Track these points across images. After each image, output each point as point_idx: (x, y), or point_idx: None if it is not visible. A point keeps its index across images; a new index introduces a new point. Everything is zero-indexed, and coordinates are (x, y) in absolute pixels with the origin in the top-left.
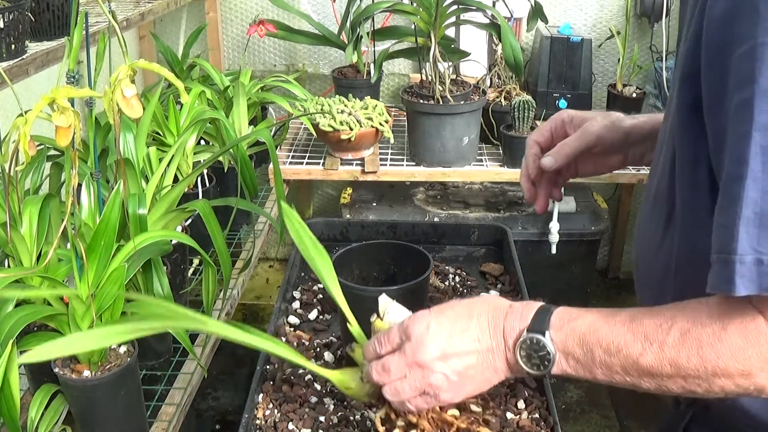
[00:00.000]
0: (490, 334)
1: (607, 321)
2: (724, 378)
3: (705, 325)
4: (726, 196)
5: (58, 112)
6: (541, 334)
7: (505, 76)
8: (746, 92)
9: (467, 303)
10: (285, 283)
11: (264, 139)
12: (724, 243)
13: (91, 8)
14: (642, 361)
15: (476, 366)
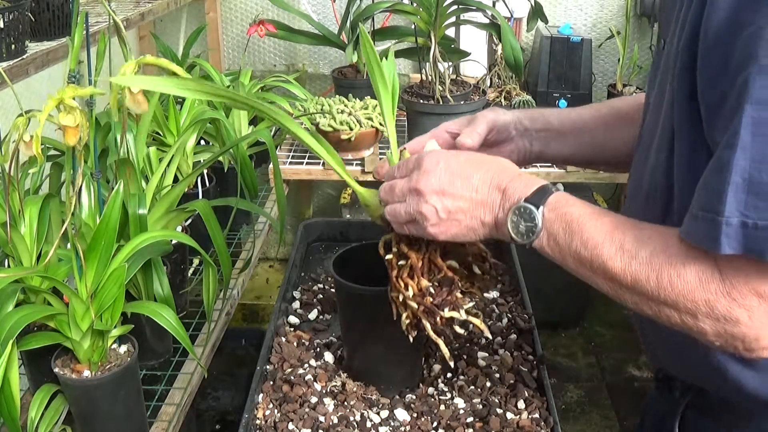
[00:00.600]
0: (489, 190)
1: (596, 219)
2: (672, 309)
3: (671, 257)
4: (718, 162)
5: (65, 111)
6: (536, 207)
7: (505, 76)
8: (746, 71)
9: (482, 156)
10: (285, 283)
11: (264, 139)
12: (713, 204)
13: (91, 8)
14: (609, 264)
15: (465, 212)
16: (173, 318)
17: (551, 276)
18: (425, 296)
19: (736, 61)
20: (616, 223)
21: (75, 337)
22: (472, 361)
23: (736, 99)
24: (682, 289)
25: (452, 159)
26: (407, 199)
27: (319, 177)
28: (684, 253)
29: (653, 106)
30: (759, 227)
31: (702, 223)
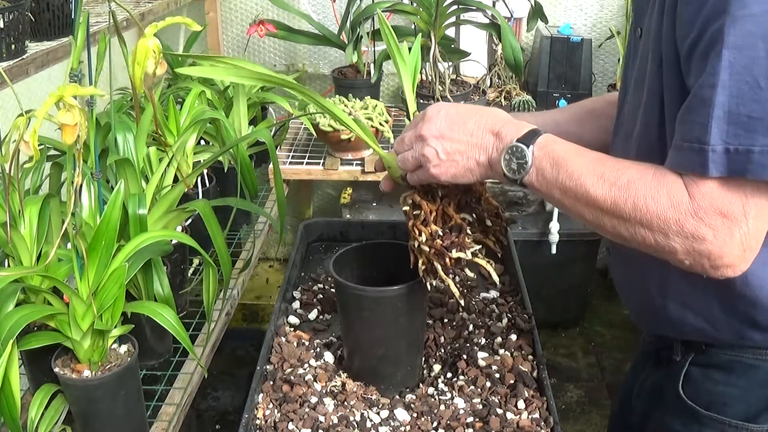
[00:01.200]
0: (483, 134)
1: (579, 154)
2: (646, 229)
3: (647, 181)
4: (699, 99)
5: (64, 109)
6: (526, 145)
7: (505, 76)
8: (720, 20)
9: (479, 107)
10: (285, 283)
11: (264, 139)
12: (698, 135)
13: (91, 8)
14: (592, 191)
15: (462, 153)
16: (173, 318)
17: (551, 276)
18: (435, 239)
19: (708, 12)
20: (597, 157)
21: (75, 337)
22: (472, 361)
23: (711, 44)
24: (655, 209)
25: (452, 108)
26: (414, 145)
27: (319, 177)
28: (658, 179)
29: (633, 90)
30: (740, 152)
31: (689, 153)
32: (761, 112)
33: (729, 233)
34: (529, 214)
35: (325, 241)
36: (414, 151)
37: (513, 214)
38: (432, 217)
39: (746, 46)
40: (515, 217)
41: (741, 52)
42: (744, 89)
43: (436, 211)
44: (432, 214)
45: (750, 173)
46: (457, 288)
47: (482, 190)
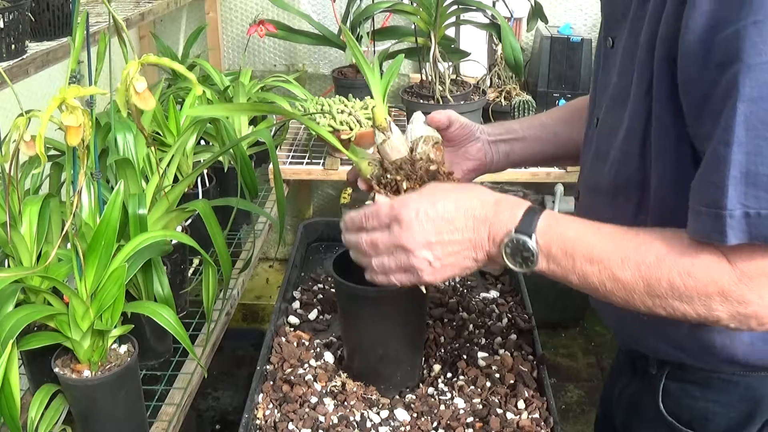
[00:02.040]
0: (474, 229)
1: (592, 234)
2: (687, 305)
3: (678, 256)
4: (714, 158)
5: (68, 111)
6: (527, 236)
7: (505, 76)
8: (733, 68)
9: (457, 194)
10: (285, 283)
11: (264, 139)
12: (715, 199)
13: (91, 8)
14: (619, 274)
15: (457, 254)
16: (173, 318)
17: None
18: None
19: (718, 58)
20: (612, 232)
21: (75, 337)
22: (472, 361)
23: (725, 96)
24: (695, 285)
25: (429, 206)
26: (394, 254)
27: (319, 177)
28: (689, 250)
29: (609, 109)
30: (761, 215)
31: (707, 219)
32: None
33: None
34: None
35: (325, 241)
36: (397, 260)
37: None
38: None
39: (763, 98)
40: None
41: (758, 105)
42: (763, 146)
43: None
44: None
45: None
46: None
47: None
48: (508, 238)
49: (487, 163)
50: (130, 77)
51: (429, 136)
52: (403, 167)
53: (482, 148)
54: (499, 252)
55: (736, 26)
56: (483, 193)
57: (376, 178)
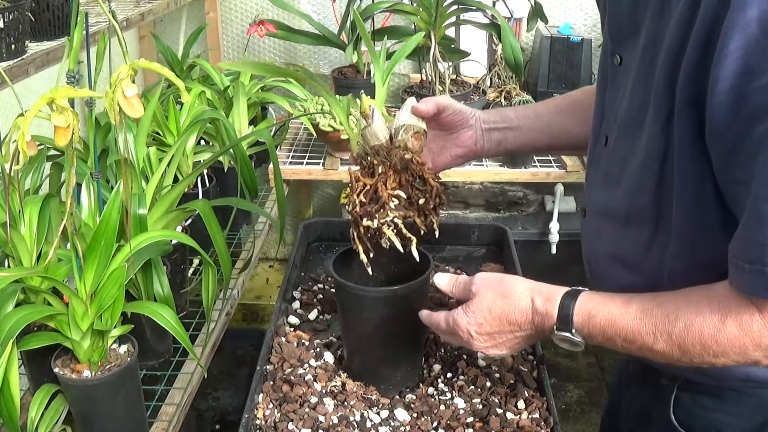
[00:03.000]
0: (528, 330)
1: (622, 314)
2: (722, 357)
3: (706, 317)
4: (756, 216)
5: (57, 112)
6: (568, 332)
7: (505, 76)
8: (766, 123)
9: (497, 315)
10: (285, 283)
11: (264, 139)
12: (759, 256)
13: (91, 8)
14: (655, 347)
15: (517, 343)
16: (173, 318)
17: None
18: (354, 208)
19: (752, 108)
20: (640, 308)
21: (75, 337)
22: (472, 361)
23: (761, 149)
24: (727, 342)
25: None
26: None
27: (319, 177)
28: (717, 310)
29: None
30: None
31: (750, 275)
32: None
33: None
34: (529, 214)
35: (325, 241)
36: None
37: (513, 213)
38: (361, 190)
39: None
40: (515, 217)
41: None
42: None
43: (371, 185)
44: (365, 188)
45: None
46: (365, 256)
47: (424, 171)
48: (555, 336)
49: (477, 150)
50: (119, 81)
51: (411, 125)
52: (379, 153)
53: (473, 135)
54: (553, 338)
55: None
56: (519, 304)
57: (358, 157)
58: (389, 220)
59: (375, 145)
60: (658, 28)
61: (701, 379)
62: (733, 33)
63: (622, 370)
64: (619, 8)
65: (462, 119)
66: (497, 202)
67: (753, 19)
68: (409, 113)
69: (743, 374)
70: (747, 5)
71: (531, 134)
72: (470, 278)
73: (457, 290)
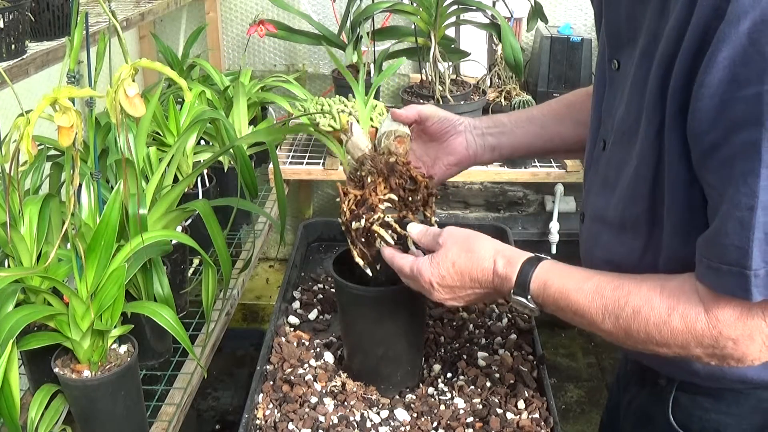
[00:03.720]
0: (487, 288)
1: (576, 290)
2: (665, 348)
3: (654, 308)
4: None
5: (60, 112)
6: (524, 297)
7: (505, 76)
8: (753, 132)
9: (460, 270)
10: (285, 283)
11: (264, 139)
12: (738, 259)
13: (92, 8)
14: (602, 326)
15: (476, 297)
16: (173, 318)
17: None
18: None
19: (733, 116)
20: (594, 287)
21: (75, 337)
22: (472, 361)
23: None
24: (670, 335)
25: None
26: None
27: (319, 177)
28: (668, 303)
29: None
30: None
31: (729, 276)
32: None
33: (750, 339)
34: (529, 214)
35: (325, 241)
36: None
37: (513, 213)
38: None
39: None
40: (515, 217)
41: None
42: None
43: (360, 195)
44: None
45: None
46: (360, 259)
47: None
48: (511, 299)
49: (470, 156)
50: (121, 81)
51: (392, 130)
52: (365, 163)
53: (464, 141)
54: (511, 301)
55: (759, 89)
56: (481, 264)
57: (348, 175)
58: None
59: (359, 157)
60: (654, 36)
61: (696, 380)
62: (723, 44)
63: (621, 370)
64: (616, 15)
65: (449, 126)
66: (497, 202)
67: (744, 31)
68: (390, 120)
69: (738, 375)
70: (741, 19)
71: (525, 138)
72: (440, 230)
73: (426, 240)
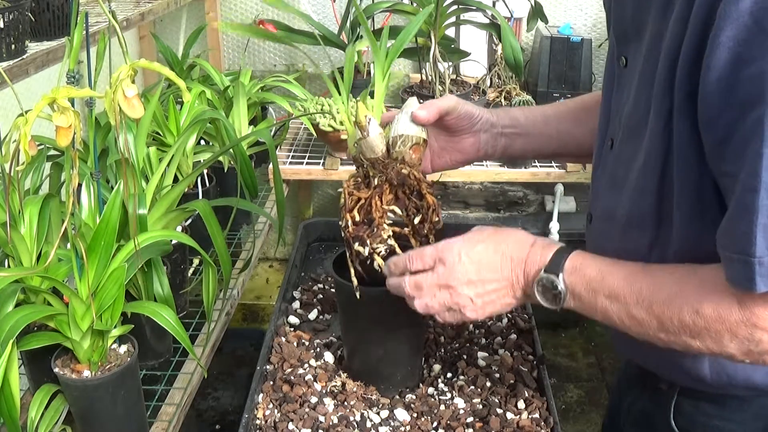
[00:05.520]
0: (512, 269)
1: (612, 274)
2: (698, 341)
3: (688, 296)
4: (741, 205)
5: (59, 112)
6: (555, 275)
7: (505, 76)
8: (757, 111)
9: (495, 238)
10: (285, 283)
11: (264, 139)
12: (744, 246)
13: (91, 8)
14: (634, 312)
15: (498, 292)
16: (173, 318)
17: None
18: (348, 227)
19: (741, 97)
20: (631, 272)
21: (75, 337)
22: (472, 361)
23: (749, 138)
24: (703, 324)
25: (471, 250)
26: (438, 294)
27: (319, 177)
28: (701, 290)
29: (627, 132)
30: None
31: (737, 266)
32: None
33: None
34: (529, 214)
35: (325, 241)
36: (441, 299)
37: (513, 213)
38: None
39: None
40: (515, 217)
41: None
42: None
43: (366, 199)
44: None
45: None
46: (355, 277)
47: (422, 186)
48: (539, 277)
49: (478, 156)
50: (120, 81)
51: (410, 135)
52: (375, 166)
53: (477, 142)
54: (533, 290)
55: (762, 66)
56: (520, 236)
57: (355, 161)
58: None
59: (371, 158)
60: (660, 29)
61: (701, 386)
62: (725, 23)
63: (622, 373)
64: (623, 10)
65: (467, 124)
66: (497, 202)
67: (746, 9)
68: (409, 119)
69: (744, 380)
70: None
71: (540, 140)
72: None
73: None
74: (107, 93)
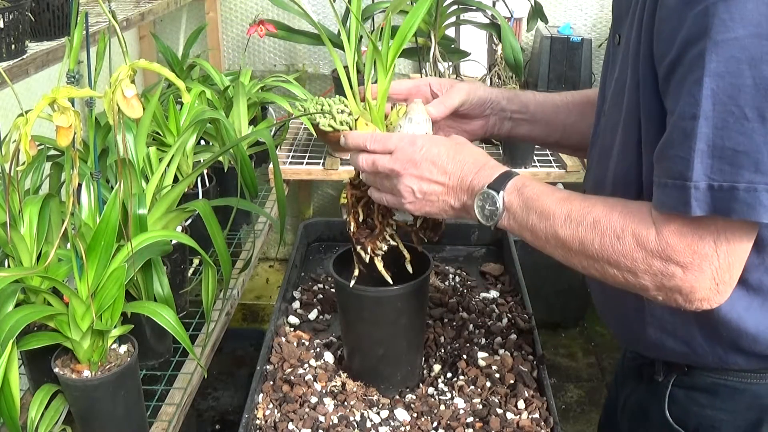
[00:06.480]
0: (460, 177)
1: (548, 195)
2: (615, 269)
3: (613, 220)
4: (680, 132)
5: (59, 112)
6: (496, 192)
7: (505, 76)
8: (701, 44)
9: (458, 147)
10: (285, 283)
11: (264, 139)
12: (681, 171)
13: (91, 8)
14: (560, 232)
15: (437, 194)
16: (173, 318)
17: (551, 276)
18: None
19: (687, 34)
20: (566, 196)
21: (75, 337)
22: (472, 361)
23: (691, 70)
24: (621, 249)
25: (432, 148)
26: (389, 176)
27: (319, 177)
28: (624, 217)
29: (612, 104)
30: (724, 188)
31: (672, 190)
32: (748, 145)
33: (699, 269)
34: None
35: (325, 241)
36: (389, 182)
37: None
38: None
39: (730, 73)
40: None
41: (724, 80)
42: (729, 120)
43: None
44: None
45: (735, 213)
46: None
47: None
48: (481, 192)
49: (484, 136)
50: (119, 81)
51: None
52: None
53: (485, 125)
54: (473, 203)
55: (706, 3)
56: (479, 154)
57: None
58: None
59: None
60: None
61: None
62: None
63: (619, 368)
64: None
65: (478, 111)
66: None
67: None
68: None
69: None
70: None
71: (546, 129)
72: None
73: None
74: (106, 93)
